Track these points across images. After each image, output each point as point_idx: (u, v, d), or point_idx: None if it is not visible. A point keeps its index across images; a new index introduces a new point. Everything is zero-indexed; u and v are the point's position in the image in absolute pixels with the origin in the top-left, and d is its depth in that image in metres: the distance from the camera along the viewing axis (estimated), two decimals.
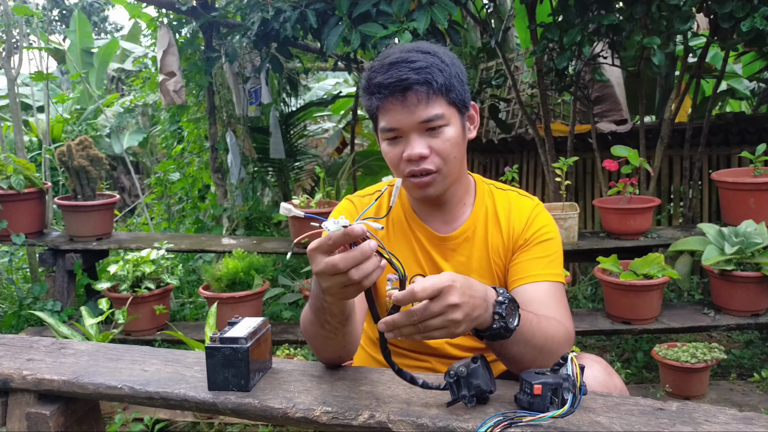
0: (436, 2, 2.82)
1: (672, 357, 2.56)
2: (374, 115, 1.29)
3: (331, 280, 0.96)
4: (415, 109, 1.22)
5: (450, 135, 1.26)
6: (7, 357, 1.38)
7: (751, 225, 2.63)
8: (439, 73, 1.22)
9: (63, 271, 3.31)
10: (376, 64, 1.26)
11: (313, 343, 1.22)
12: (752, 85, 5.11)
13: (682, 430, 0.98)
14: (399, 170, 1.29)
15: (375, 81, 1.23)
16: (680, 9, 2.77)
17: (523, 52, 4.99)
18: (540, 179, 4.42)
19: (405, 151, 1.25)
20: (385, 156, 1.31)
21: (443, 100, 1.24)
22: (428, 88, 1.21)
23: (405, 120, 1.23)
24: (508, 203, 1.42)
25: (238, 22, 3.86)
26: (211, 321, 2.33)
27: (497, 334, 1.04)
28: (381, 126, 1.27)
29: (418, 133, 1.24)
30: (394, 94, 1.21)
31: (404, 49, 1.26)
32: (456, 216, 1.40)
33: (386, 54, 1.27)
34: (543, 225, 1.38)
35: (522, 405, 1.02)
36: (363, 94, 1.30)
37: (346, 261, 0.93)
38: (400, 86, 1.20)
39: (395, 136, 1.26)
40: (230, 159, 4.50)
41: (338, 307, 1.07)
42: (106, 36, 12.70)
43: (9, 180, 3.20)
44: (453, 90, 1.25)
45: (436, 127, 1.24)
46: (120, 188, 7.83)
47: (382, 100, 1.23)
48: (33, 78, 4.14)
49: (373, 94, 1.24)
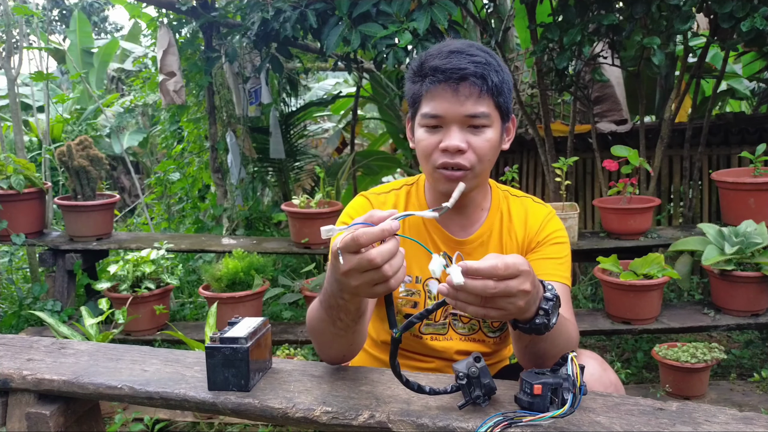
0: (436, 2, 2.82)
1: (672, 357, 2.56)
2: (418, 99, 1.26)
3: (362, 278, 0.92)
4: (465, 101, 1.20)
5: (490, 136, 1.25)
6: (7, 357, 1.38)
7: (751, 225, 2.63)
8: (495, 74, 1.22)
9: (63, 271, 3.31)
10: (434, 50, 1.25)
11: (321, 341, 1.19)
12: (752, 85, 5.10)
13: (682, 430, 0.98)
14: (431, 160, 1.26)
15: (431, 64, 1.21)
16: (680, 9, 2.77)
17: (523, 52, 4.99)
18: (540, 179, 4.42)
19: (443, 141, 1.23)
20: (417, 143, 1.28)
21: (492, 100, 1.23)
22: (483, 83, 1.20)
23: (452, 109, 1.21)
24: (523, 209, 1.42)
25: (238, 22, 3.86)
26: (211, 321, 2.34)
27: (536, 328, 1.03)
28: (424, 111, 1.24)
29: (460, 127, 1.22)
30: (448, 81, 1.20)
31: (465, 43, 1.25)
32: (473, 220, 1.40)
33: (446, 43, 1.26)
34: (556, 229, 1.40)
35: (522, 405, 1.02)
36: (411, 77, 1.27)
37: (383, 255, 0.90)
38: (458, 74, 1.19)
39: (436, 125, 1.24)
40: (230, 159, 4.50)
41: (355, 304, 1.04)
42: (106, 36, 12.70)
43: (9, 180, 3.20)
44: (503, 94, 1.24)
45: (479, 125, 1.23)
46: (120, 188, 7.83)
47: (434, 84, 1.21)
48: (33, 78, 4.14)
49: (426, 76, 1.22)
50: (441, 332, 1.42)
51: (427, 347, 1.42)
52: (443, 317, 1.42)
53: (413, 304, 1.40)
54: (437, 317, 1.42)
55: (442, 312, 1.42)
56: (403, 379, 1.05)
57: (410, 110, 1.32)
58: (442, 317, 1.42)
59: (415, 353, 1.45)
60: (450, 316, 1.42)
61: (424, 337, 1.41)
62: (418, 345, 1.42)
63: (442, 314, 1.42)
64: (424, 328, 1.41)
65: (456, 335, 1.42)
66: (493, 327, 1.41)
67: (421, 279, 1.40)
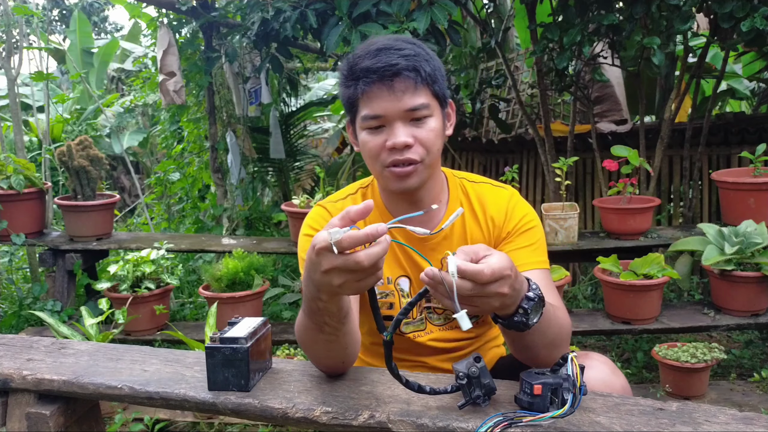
0: (436, 2, 2.82)
1: (672, 357, 2.56)
2: (354, 103, 1.25)
3: (345, 277, 0.92)
4: (402, 96, 1.20)
5: (433, 126, 1.25)
6: (7, 357, 1.38)
7: (751, 225, 2.63)
8: (426, 63, 1.22)
9: (63, 271, 3.31)
10: (360, 51, 1.23)
11: (314, 351, 1.18)
12: (752, 85, 5.11)
13: (682, 430, 0.98)
14: (379, 161, 1.26)
15: (362, 65, 1.20)
16: (680, 9, 2.77)
17: (523, 52, 4.99)
18: (540, 179, 4.42)
19: (389, 140, 1.22)
20: (363, 146, 1.27)
21: (428, 90, 1.23)
22: (416, 75, 1.20)
23: (391, 107, 1.20)
24: (482, 195, 1.41)
25: (238, 22, 3.86)
26: (211, 321, 2.34)
27: (515, 326, 1.04)
28: (364, 114, 1.23)
29: (403, 122, 1.22)
30: (382, 80, 1.19)
31: (390, 38, 1.25)
32: (432, 215, 1.39)
33: (370, 42, 1.25)
34: (524, 214, 1.38)
35: (522, 405, 1.02)
36: (344, 82, 1.26)
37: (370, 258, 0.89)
38: (390, 71, 1.18)
39: (379, 125, 1.23)
40: (230, 159, 4.50)
41: (335, 305, 1.02)
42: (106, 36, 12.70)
43: (9, 180, 3.20)
44: (437, 82, 1.25)
45: (421, 116, 1.23)
46: (120, 188, 7.83)
47: (369, 85, 1.20)
48: (33, 78, 4.14)
49: (358, 79, 1.21)
50: (420, 328, 1.42)
51: (411, 344, 1.42)
52: (419, 313, 1.42)
53: (389, 305, 1.40)
54: (414, 315, 1.41)
55: (417, 309, 1.42)
56: (403, 380, 1.05)
57: (348, 115, 1.31)
58: (418, 314, 1.42)
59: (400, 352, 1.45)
60: (425, 311, 1.42)
61: (406, 335, 1.42)
62: (403, 343, 1.43)
63: (418, 311, 1.42)
64: (404, 327, 1.41)
65: (434, 327, 1.42)
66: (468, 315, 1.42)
67: (392, 279, 1.40)
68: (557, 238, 2.93)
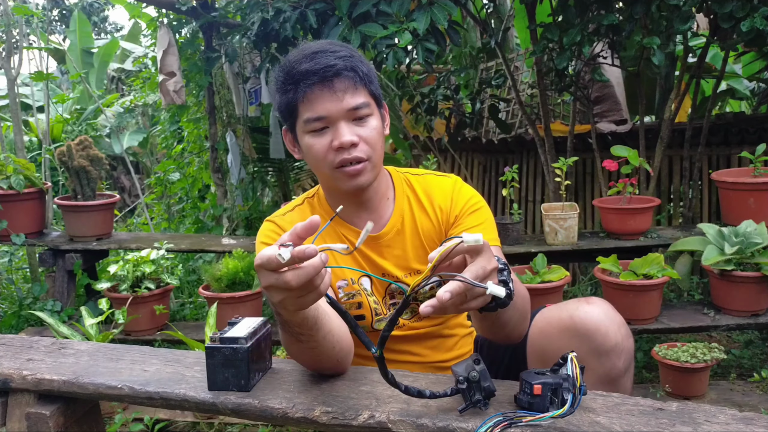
0: (436, 2, 2.82)
1: (672, 357, 2.56)
2: (294, 108, 1.25)
3: (281, 295, 0.92)
4: (343, 96, 1.22)
5: (375, 125, 1.27)
6: (7, 357, 1.38)
7: (751, 225, 2.63)
8: (362, 64, 1.25)
9: (63, 271, 3.31)
10: (295, 56, 1.24)
11: (304, 360, 1.18)
12: (752, 85, 5.11)
13: (682, 430, 0.98)
14: (326, 162, 1.26)
15: (300, 68, 1.21)
16: (680, 9, 2.77)
17: (523, 52, 4.99)
18: (540, 179, 4.42)
19: (334, 140, 1.23)
20: (308, 150, 1.27)
21: (366, 90, 1.25)
22: (355, 74, 1.22)
23: (333, 107, 1.22)
24: (427, 187, 1.43)
25: (238, 22, 3.86)
26: (211, 321, 2.34)
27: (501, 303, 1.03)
28: (306, 117, 1.24)
29: (346, 122, 1.23)
30: (323, 81, 1.20)
31: (322, 43, 1.27)
32: (381, 213, 1.40)
33: (302, 48, 1.26)
34: (468, 198, 1.40)
35: (522, 405, 1.02)
36: (282, 87, 1.26)
37: (298, 278, 0.88)
38: (330, 71, 1.20)
39: (323, 127, 1.24)
40: (230, 159, 4.50)
41: (297, 317, 1.01)
42: (106, 36, 12.70)
43: (9, 180, 3.20)
44: (373, 82, 1.27)
45: (362, 116, 1.24)
46: (120, 188, 7.83)
47: (309, 87, 1.21)
48: (33, 78, 4.14)
49: (298, 82, 1.22)
50: None
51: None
52: (387, 310, 1.43)
53: (357, 305, 1.41)
54: (384, 311, 1.43)
55: (385, 306, 1.43)
56: (402, 387, 1.04)
57: (286, 122, 1.31)
58: (386, 310, 1.43)
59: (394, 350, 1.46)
60: (391, 307, 1.43)
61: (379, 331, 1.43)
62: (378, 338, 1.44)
63: (386, 307, 1.43)
64: (376, 324, 1.43)
65: (404, 321, 1.44)
66: None
67: (355, 280, 1.41)
68: (557, 238, 2.93)
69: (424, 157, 4.41)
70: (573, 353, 1.04)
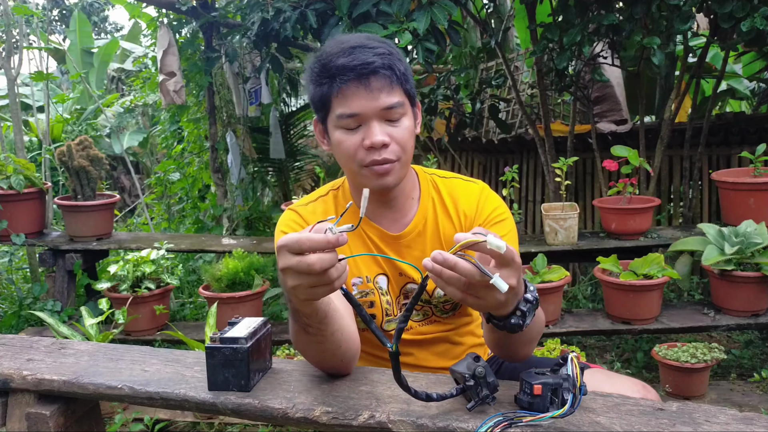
0: (436, 2, 2.82)
1: (672, 357, 2.56)
2: (327, 101, 1.23)
3: (298, 279, 0.92)
4: (378, 95, 1.19)
5: (407, 125, 1.25)
6: (7, 357, 1.38)
7: (751, 225, 2.63)
8: (400, 62, 1.22)
9: (63, 271, 3.31)
10: (332, 49, 1.21)
11: (309, 354, 1.17)
12: (752, 85, 5.10)
13: (682, 430, 0.98)
14: (356, 160, 1.24)
15: (337, 63, 1.18)
16: (680, 9, 2.77)
17: (523, 52, 4.99)
18: (540, 179, 4.42)
19: (366, 139, 1.21)
20: (338, 145, 1.25)
21: (401, 89, 1.23)
22: (392, 73, 1.19)
23: (368, 105, 1.19)
24: (453, 191, 1.41)
25: (238, 22, 3.86)
26: (211, 321, 2.34)
27: (510, 327, 1.02)
28: (339, 112, 1.21)
29: (379, 121, 1.21)
30: (359, 78, 1.17)
31: (361, 37, 1.23)
32: (404, 212, 1.39)
33: (341, 40, 1.23)
34: (495, 207, 1.38)
35: (522, 405, 1.02)
36: (316, 80, 1.22)
37: (323, 262, 0.89)
38: (367, 69, 1.17)
39: (356, 124, 1.22)
40: (230, 159, 4.50)
41: (307, 307, 1.02)
42: (106, 36, 12.70)
43: (9, 180, 3.20)
44: (409, 81, 1.25)
45: (396, 116, 1.22)
46: (120, 188, 7.83)
47: (345, 83, 1.18)
48: (33, 78, 4.14)
49: (334, 77, 1.19)
50: None
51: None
52: (400, 309, 1.42)
53: (370, 304, 1.40)
54: (395, 312, 1.41)
55: (397, 307, 1.41)
56: (412, 392, 1.04)
57: (318, 113, 1.28)
58: (398, 311, 1.42)
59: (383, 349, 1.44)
60: (403, 307, 1.41)
61: (387, 333, 1.42)
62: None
63: (398, 308, 1.42)
64: (386, 325, 1.41)
65: (413, 323, 1.42)
66: (445, 309, 1.41)
67: (370, 278, 1.40)
68: (557, 238, 2.93)
69: (424, 157, 4.41)
70: (573, 353, 1.04)
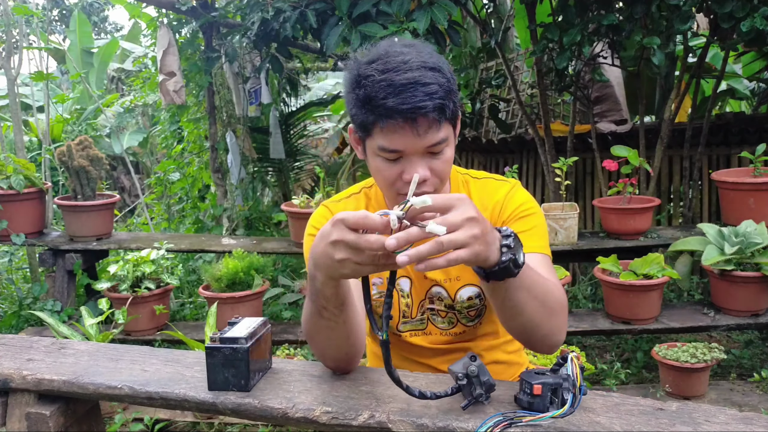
0: (436, 2, 2.82)
1: (672, 357, 2.56)
2: (369, 128, 1.18)
3: (349, 253, 0.93)
4: (424, 135, 1.15)
5: (449, 155, 1.23)
6: (7, 357, 1.38)
7: (751, 225, 2.63)
8: (450, 96, 1.17)
9: (63, 271, 3.31)
10: (380, 82, 1.13)
11: (317, 341, 1.17)
12: (752, 85, 5.10)
13: (682, 430, 0.98)
14: (394, 188, 1.23)
15: (385, 103, 1.12)
16: (680, 9, 2.77)
17: (523, 52, 4.99)
18: (540, 179, 4.41)
19: (405, 173, 1.19)
20: (377, 173, 1.23)
21: (448, 124, 1.20)
22: (441, 115, 1.15)
23: (412, 144, 1.15)
24: (483, 189, 1.40)
25: (238, 22, 3.86)
26: (211, 321, 2.34)
27: (506, 267, 0.99)
28: (380, 145, 1.18)
29: (421, 156, 1.19)
30: (406, 120, 1.12)
31: (413, 64, 1.14)
32: None
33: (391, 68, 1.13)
34: (522, 202, 1.36)
35: (522, 405, 1.02)
36: (358, 103, 1.16)
37: (379, 242, 0.91)
38: (416, 114, 1.12)
39: (396, 158, 1.19)
40: (230, 159, 4.50)
41: (330, 288, 1.03)
42: (106, 36, 12.70)
43: (9, 180, 3.20)
44: (456, 112, 1.21)
45: (438, 150, 1.19)
46: (120, 188, 7.83)
47: (390, 120, 1.13)
48: (33, 78, 4.14)
49: (380, 115, 1.13)
50: (420, 328, 1.41)
51: (407, 344, 1.41)
52: (420, 313, 1.40)
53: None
54: (414, 314, 1.39)
55: (418, 308, 1.40)
56: (404, 386, 1.04)
57: (357, 129, 1.22)
58: (419, 313, 1.40)
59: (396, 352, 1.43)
60: (428, 312, 1.40)
61: (403, 335, 1.41)
62: (399, 343, 1.42)
63: (419, 310, 1.40)
64: (401, 326, 1.40)
65: (436, 329, 1.41)
66: (470, 315, 1.40)
67: None
68: (557, 238, 2.93)
69: None
70: (573, 353, 1.04)
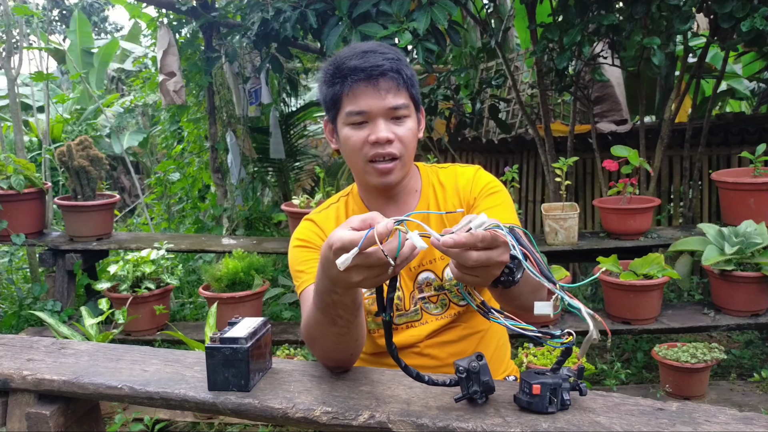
0: (436, 2, 2.82)
1: (672, 357, 2.56)
2: (338, 100, 1.33)
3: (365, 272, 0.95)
4: (386, 95, 1.29)
5: (411, 126, 1.35)
6: (7, 357, 1.38)
7: (751, 225, 2.63)
8: (407, 68, 1.33)
9: (63, 271, 3.31)
10: (346, 53, 1.33)
11: (324, 346, 1.18)
12: (752, 85, 5.11)
13: (682, 430, 0.98)
14: (361, 155, 1.33)
15: (350, 64, 1.29)
16: (680, 9, 2.77)
17: (523, 52, 5.00)
18: (540, 179, 4.42)
19: (371, 135, 1.31)
20: (345, 141, 1.34)
21: (407, 92, 1.33)
22: (399, 76, 1.30)
23: (375, 104, 1.29)
24: (453, 175, 1.50)
25: (238, 22, 3.86)
26: (211, 321, 2.34)
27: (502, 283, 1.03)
28: (348, 110, 1.31)
29: (384, 119, 1.31)
30: (368, 78, 1.28)
31: (373, 44, 1.37)
32: (409, 205, 1.46)
33: (354, 46, 1.36)
34: (488, 181, 1.47)
35: (521, 405, 1.02)
36: (329, 80, 1.33)
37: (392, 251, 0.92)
38: (377, 71, 1.28)
39: (362, 121, 1.31)
40: (230, 159, 4.50)
41: (350, 297, 1.06)
42: (106, 36, 12.70)
43: (9, 180, 3.20)
44: (414, 86, 1.36)
45: (400, 116, 1.32)
46: (120, 188, 7.83)
47: (356, 83, 1.29)
48: (33, 78, 4.14)
49: (345, 77, 1.30)
50: (415, 319, 1.44)
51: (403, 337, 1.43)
52: (413, 304, 1.44)
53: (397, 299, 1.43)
54: (407, 306, 1.43)
55: (410, 299, 1.44)
56: (402, 364, 1.06)
57: (329, 113, 1.38)
58: (412, 305, 1.44)
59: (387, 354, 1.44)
60: (420, 302, 1.44)
61: (399, 327, 1.43)
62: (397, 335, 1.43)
63: (412, 302, 1.44)
64: (397, 319, 1.43)
65: (431, 317, 1.44)
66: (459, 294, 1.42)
67: None
68: (557, 238, 2.93)
69: (424, 157, 4.41)
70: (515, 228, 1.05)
